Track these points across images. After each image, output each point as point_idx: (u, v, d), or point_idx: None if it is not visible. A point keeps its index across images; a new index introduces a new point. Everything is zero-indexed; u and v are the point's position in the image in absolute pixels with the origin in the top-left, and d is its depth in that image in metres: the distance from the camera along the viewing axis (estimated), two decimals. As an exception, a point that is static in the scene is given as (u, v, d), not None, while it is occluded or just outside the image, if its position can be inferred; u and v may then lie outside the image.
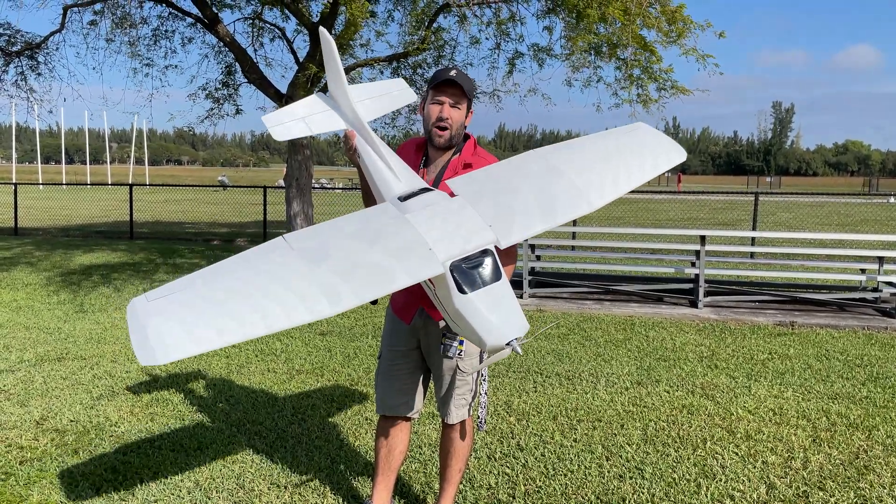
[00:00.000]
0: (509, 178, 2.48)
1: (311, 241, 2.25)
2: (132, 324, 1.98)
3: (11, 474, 3.51)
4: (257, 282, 2.09)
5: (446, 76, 2.69)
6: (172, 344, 1.91)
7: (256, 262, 2.17)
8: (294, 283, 2.07)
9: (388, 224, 2.31)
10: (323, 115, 2.94)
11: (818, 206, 27.67)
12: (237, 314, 1.98)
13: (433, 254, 2.17)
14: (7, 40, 11.43)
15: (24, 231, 16.34)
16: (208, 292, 2.06)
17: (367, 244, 2.21)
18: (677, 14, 8.92)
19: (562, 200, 2.40)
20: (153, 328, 1.93)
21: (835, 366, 5.65)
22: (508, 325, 2.14)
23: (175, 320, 1.96)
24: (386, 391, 2.92)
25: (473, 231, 2.25)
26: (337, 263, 2.14)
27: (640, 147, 2.66)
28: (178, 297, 2.05)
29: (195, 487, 3.39)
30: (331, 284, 2.07)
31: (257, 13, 11.61)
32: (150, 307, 2.01)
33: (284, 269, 2.13)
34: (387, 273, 2.12)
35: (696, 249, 8.01)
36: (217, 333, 1.94)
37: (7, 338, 6.30)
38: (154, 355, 1.88)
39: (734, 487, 3.45)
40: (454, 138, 2.74)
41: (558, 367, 5.51)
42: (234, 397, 4.73)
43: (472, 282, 2.18)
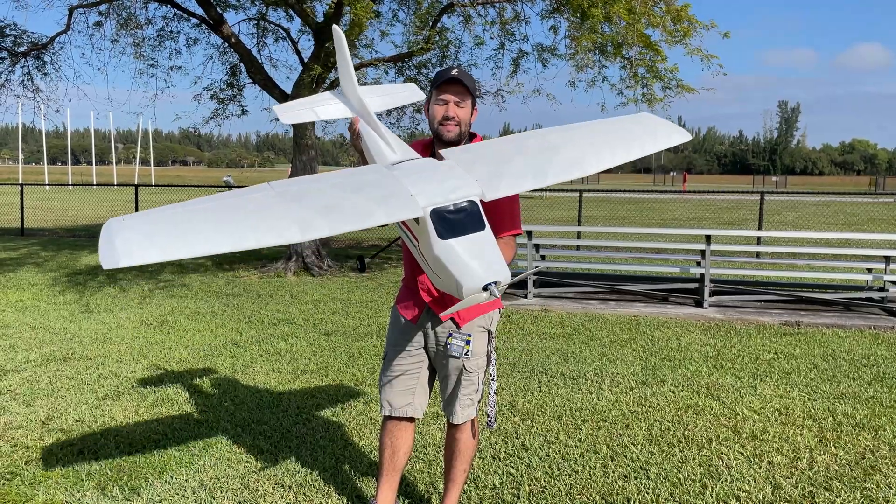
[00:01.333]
0: (505, 150, 2.49)
1: (293, 186, 2.27)
2: (103, 235, 2.01)
3: (17, 474, 3.52)
4: (232, 210, 2.13)
5: (448, 75, 2.72)
6: (137, 250, 1.93)
7: (236, 198, 2.20)
8: (267, 213, 2.10)
9: (373, 176, 2.34)
10: (331, 106, 3.03)
11: (824, 205, 27.57)
12: (205, 231, 2.02)
13: (414, 199, 2.17)
14: (13, 41, 11.48)
15: (30, 231, 16.40)
16: (182, 214, 2.10)
17: (349, 191, 2.22)
18: (682, 13, 8.90)
19: (555, 165, 2.40)
20: (121, 238, 1.97)
21: (841, 366, 5.63)
22: (486, 269, 2.11)
23: (143, 232, 2.01)
24: (390, 392, 2.92)
25: (459, 184, 2.24)
26: (315, 201, 2.16)
27: (643, 130, 2.67)
28: (151, 216, 2.11)
29: (200, 487, 3.40)
30: (305, 216, 2.09)
31: (262, 14, 11.64)
32: (125, 223, 2.06)
33: (261, 204, 2.15)
34: (364, 212, 2.13)
35: (702, 249, 7.99)
36: (182, 244, 1.97)
37: (13, 338, 6.32)
38: (117, 258, 1.90)
39: (740, 488, 3.43)
40: (462, 135, 2.76)
41: (563, 366, 5.50)
42: (239, 397, 4.74)
43: (451, 227, 2.16)
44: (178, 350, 5.94)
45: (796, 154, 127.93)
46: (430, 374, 2.95)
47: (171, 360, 5.64)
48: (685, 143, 2.73)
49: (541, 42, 12.15)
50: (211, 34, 11.61)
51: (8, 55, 11.50)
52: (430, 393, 3.00)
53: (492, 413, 2.80)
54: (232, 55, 11.82)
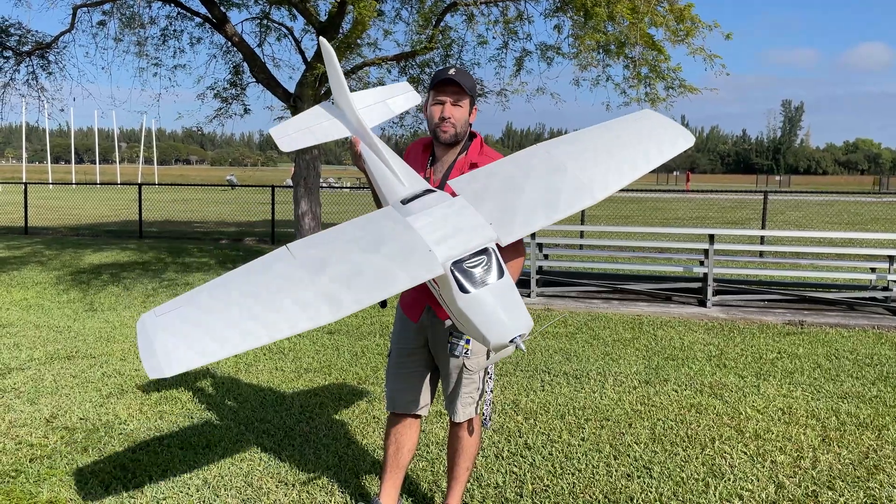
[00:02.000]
0: (512, 175, 2.48)
1: (313, 249, 2.29)
2: (141, 339, 2.09)
3: (21, 472, 3.53)
4: (260, 293, 2.15)
5: (445, 76, 2.71)
6: (177, 357, 2.00)
7: (260, 274, 2.24)
8: (296, 292, 2.13)
9: (389, 228, 2.34)
10: (328, 124, 2.99)
11: (828, 204, 27.52)
12: (240, 326, 2.06)
13: (433, 255, 2.19)
14: (18, 40, 11.50)
15: (34, 230, 16.43)
16: (212, 305, 2.15)
17: (369, 250, 2.24)
18: (685, 12, 8.89)
19: (565, 195, 2.40)
20: (160, 343, 2.04)
21: (844, 365, 5.62)
22: (512, 322, 2.14)
23: (180, 335, 2.07)
24: (395, 389, 2.94)
25: (474, 230, 2.26)
26: (338, 270, 2.18)
27: (647, 135, 2.65)
28: (183, 312, 2.15)
29: (204, 485, 3.41)
30: (332, 292, 2.11)
31: (265, 13, 11.64)
32: (158, 322, 2.12)
33: (287, 279, 2.18)
34: (387, 277, 2.15)
35: (705, 248, 7.99)
36: (220, 346, 2.03)
37: (17, 336, 6.34)
38: (161, 368, 1.98)
39: (743, 487, 3.43)
40: (459, 135, 2.75)
41: (566, 365, 5.50)
42: (243, 395, 4.74)
43: (473, 280, 2.19)
44: (181, 348, 5.95)
45: (800, 153, 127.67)
46: (435, 372, 2.97)
47: (174, 358, 5.64)
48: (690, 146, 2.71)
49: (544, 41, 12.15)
50: (214, 33, 11.62)
51: (13, 54, 11.53)
52: (435, 391, 3.01)
53: (487, 412, 2.81)
54: (235, 54, 11.82)
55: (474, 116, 2.81)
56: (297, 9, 10.47)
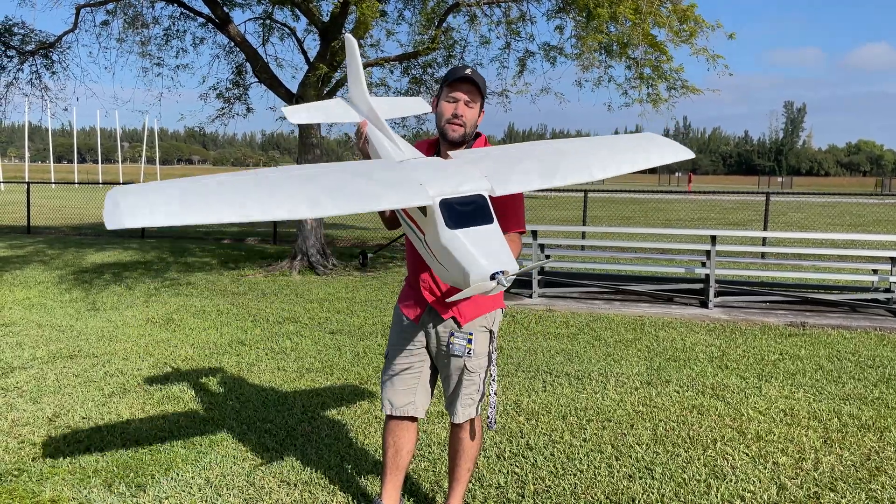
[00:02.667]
0: (512, 153, 2.53)
1: (306, 169, 2.29)
2: (108, 199, 1.99)
3: (24, 470, 3.54)
4: (241, 186, 2.10)
5: (462, 74, 2.70)
6: (141, 212, 1.92)
7: (248, 174, 2.20)
8: (277, 189, 2.09)
9: (384, 166, 2.38)
10: (341, 110, 3.07)
11: (830, 206, 27.50)
12: (213, 201, 2.00)
13: (423, 188, 2.18)
14: (21, 39, 11.52)
15: (36, 229, 16.46)
16: (187, 186, 2.08)
17: (360, 176, 2.24)
18: (688, 13, 8.89)
19: (562, 168, 2.44)
20: (126, 202, 1.95)
21: (846, 367, 5.62)
22: (494, 259, 2.10)
23: (149, 196, 2.00)
24: (392, 391, 2.92)
25: (468, 178, 2.26)
26: (325, 182, 2.16)
27: (647, 145, 2.74)
28: (160, 185, 2.08)
29: (206, 484, 3.41)
30: (315, 195, 2.09)
31: (268, 13, 11.65)
32: (129, 189, 2.04)
33: (272, 182, 2.14)
34: (372, 195, 2.14)
35: (707, 249, 7.99)
36: (189, 211, 1.95)
37: (20, 335, 6.35)
38: (121, 219, 1.89)
39: (744, 488, 3.43)
40: (467, 136, 2.74)
41: (568, 366, 5.50)
42: (245, 395, 4.75)
43: (460, 218, 2.16)
44: (183, 348, 5.96)
45: (802, 155, 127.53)
46: (433, 374, 2.96)
47: (176, 357, 5.66)
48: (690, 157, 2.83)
49: (547, 41, 12.15)
50: (217, 33, 11.64)
51: (16, 54, 11.55)
52: (433, 392, 3.00)
53: (492, 414, 2.79)
54: (238, 54, 11.84)
55: (481, 119, 2.81)
56: (299, 9, 10.49)
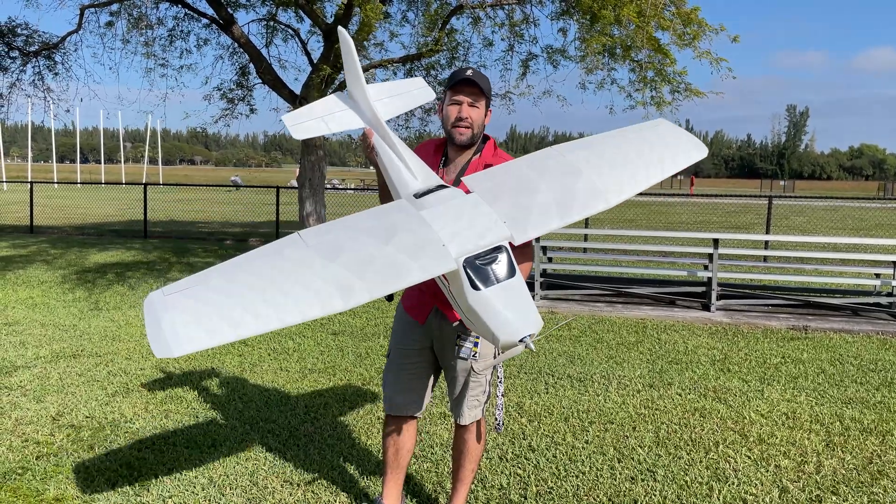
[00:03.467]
0: (527, 175, 2.47)
1: (325, 236, 2.26)
2: (149, 317, 2.01)
3: (28, 469, 3.55)
4: (272, 277, 2.10)
5: (463, 76, 2.69)
6: (186, 336, 1.93)
7: (271, 257, 2.19)
8: (308, 278, 2.09)
9: (403, 220, 2.31)
10: (341, 114, 2.93)
11: (832, 209, 27.48)
12: (251, 308, 2.01)
13: (446, 250, 2.17)
14: (25, 40, 11.55)
15: (39, 229, 16.49)
16: (223, 286, 2.09)
17: (382, 241, 2.21)
18: (692, 16, 8.90)
19: (579, 198, 2.39)
20: (168, 321, 1.97)
21: (848, 370, 5.62)
22: (522, 321, 2.13)
23: (189, 314, 1.99)
24: (395, 390, 2.92)
25: (487, 227, 2.24)
26: (351, 259, 2.14)
27: (662, 145, 2.65)
28: (193, 292, 2.08)
29: (209, 484, 3.42)
30: (344, 280, 2.08)
31: (272, 14, 11.68)
32: (167, 301, 2.04)
33: (299, 264, 2.14)
34: (400, 269, 2.12)
35: (709, 252, 7.99)
36: (230, 327, 1.97)
37: (23, 334, 6.36)
38: (169, 348, 1.91)
39: (747, 491, 3.44)
40: (475, 137, 2.73)
41: (570, 368, 5.51)
42: (248, 395, 4.76)
43: (485, 278, 2.17)
44: (186, 348, 5.97)
45: (804, 158, 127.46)
46: (435, 374, 2.96)
47: (179, 358, 5.67)
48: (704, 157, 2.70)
49: (550, 44, 12.17)
50: (221, 34, 11.66)
51: (19, 54, 11.58)
52: (432, 392, 3.00)
53: (500, 416, 2.74)
54: (241, 55, 11.86)
55: (489, 119, 2.78)
56: (303, 10, 10.51)
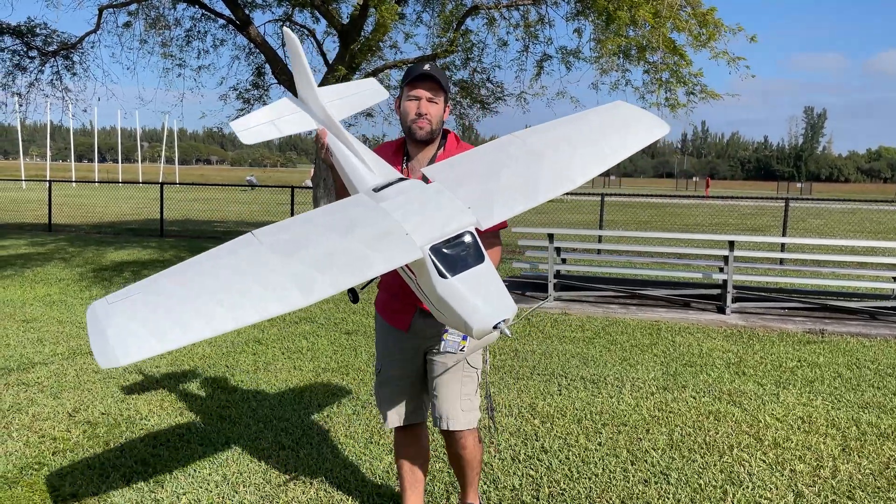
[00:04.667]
0: (489, 162, 2.40)
1: (281, 234, 2.15)
2: (92, 328, 1.88)
3: (45, 464, 3.59)
4: (224, 277, 1.98)
5: (420, 70, 2.60)
6: (135, 344, 1.80)
7: (224, 258, 2.07)
8: (264, 276, 1.97)
9: (362, 213, 2.21)
10: (292, 117, 2.84)
11: (850, 212, 27.21)
12: (203, 309, 1.88)
13: (410, 239, 2.08)
14: (43, 40, 11.68)
15: (57, 227, 16.66)
16: (172, 289, 1.96)
17: (341, 234, 2.11)
18: (708, 17, 8.85)
19: (544, 181, 2.33)
20: (114, 329, 1.83)
21: (866, 375, 5.56)
22: (494, 307, 2.05)
23: (137, 320, 1.86)
24: (393, 403, 2.80)
25: (452, 214, 2.16)
26: (309, 253, 2.04)
27: (622, 123, 2.60)
28: (139, 298, 1.95)
29: (223, 481, 3.44)
30: (303, 275, 1.97)
31: (288, 15, 11.74)
32: (111, 309, 1.91)
33: (253, 263, 2.02)
34: (363, 260, 2.02)
35: (725, 255, 7.93)
36: (182, 330, 1.84)
37: (41, 331, 6.43)
38: (115, 356, 1.78)
39: (761, 495, 3.41)
40: (435, 132, 2.65)
41: (583, 370, 5.49)
42: (261, 394, 4.79)
43: (452, 265, 2.08)
44: (201, 346, 6.01)
45: (822, 160, 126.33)
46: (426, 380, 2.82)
47: (194, 356, 5.71)
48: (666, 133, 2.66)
49: (565, 45, 12.14)
50: (237, 35, 11.75)
51: (38, 54, 11.71)
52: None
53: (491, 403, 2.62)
54: (258, 56, 11.94)
55: (447, 114, 2.70)
56: (319, 11, 10.56)
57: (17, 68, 11.59)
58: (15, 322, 6.78)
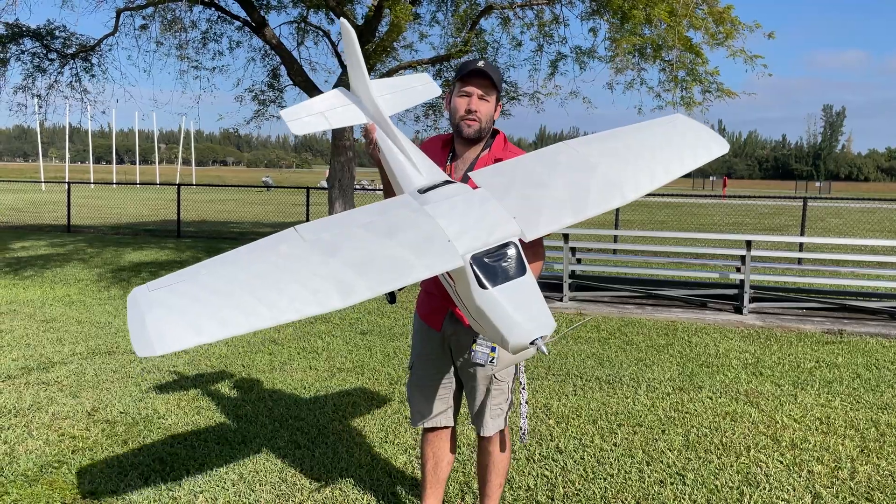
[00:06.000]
0: (538, 171, 2.35)
1: (324, 232, 2.12)
2: (131, 314, 1.89)
3: (64, 462, 3.63)
4: (266, 273, 1.97)
5: (473, 66, 2.53)
6: (171, 334, 1.81)
7: (265, 253, 2.06)
8: (304, 275, 1.96)
9: (406, 216, 2.17)
10: (343, 109, 2.80)
11: (869, 211, 26.90)
12: (242, 306, 1.87)
13: (452, 246, 2.04)
14: (63, 42, 11.81)
15: (76, 228, 16.84)
16: (212, 283, 1.95)
17: (383, 236, 2.08)
18: (725, 15, 8.79)
19: (593, 194, 2.26)
20: (152, 318, 1.84)
21: (885, 375, 5.50)
22: (533, 322, 1.99)
23: (176, 311, 1.87)
24: (423, 402, 2.80)
25: (496, 223, 2.11)
26: (350, 255, 2.01)
27: (680, 139, 2.51)
28: (180, 288, 1.95)
29: (239, 480, 3.47)
30: (343, 277, 1.95)
31: (303, 16, 11.80)
32: (152, 297, 1.91)
33: (295, 260, 2.00)
34: (403, 266, 1.99)
35: (742, 254, 7.88)
36: (219, 325, 1.84)
37: (60, 331, 6.51)
38: (152, 346, 1.78)
39: (778, 496, 3.38)
40: (483, 131, 2.58)
41: (599, 370, 5.47)
42: (277, 393, 4.81)
43: (493, 276, 2.04)
44: (218, 346, 6.06)
45: (841, 159, 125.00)
46: (459, 382, 2.83)
47: (211, 355, 5.76)
48: (725, 152, 2.57)
49: (579, 45, 12.10)
50: (253, 37, 11.81)
51: (57, 56, 11.84)
52: (462, 398, 2.88)
53: (524, 425, 2.59)
54: (273, 57, 12.00)
55: (499, 113, 2.64)
56: (334, 12, 10.59)
57: (38, 70, 11.73)
58: (35, 322, 6.87)
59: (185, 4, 11.18)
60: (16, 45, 11.42)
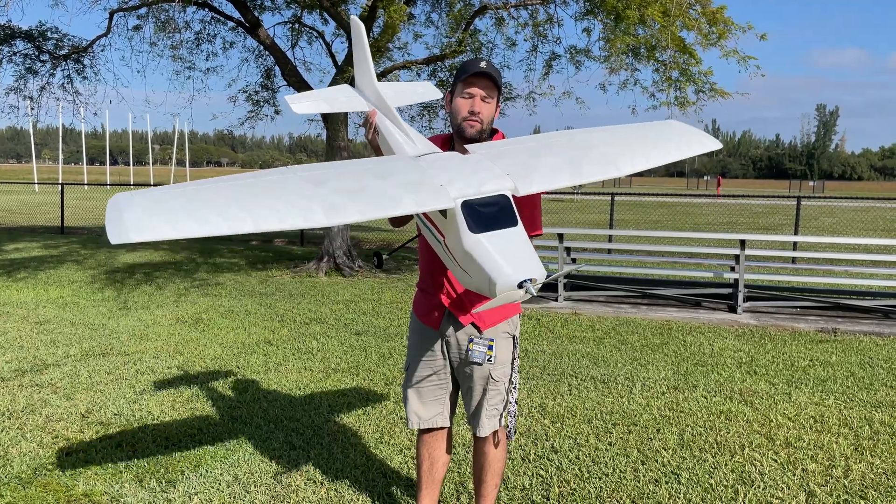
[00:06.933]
0: (533, 147, 2.39)
1: (317, 170, 2.13)
2: (110, 211, 1.84)
3: (58, 465, 3.62)
4: (253, 191, 1.97)
5: (477, 68, 2.52)
6: (147, 224, 1.78)
7: (256, 179, 2.06)
8: (293, 197, 1.95)
9: (401, 165, 2.20)
10: (346, 98, 2.89)
11: (863, 210, 27.01)
12: (224, 211, 1.86)
13: (444, 189, 2.05)
14: (55, 44, 11.78)
15: (70, 230, 16.78)
16: (197, 193, 1.94)
17: (376, 177, 2.09)
18: (718, 15, 8.82)
19: (587, 163, 2.31)
20: (130, 212, 1.82)
21: (878, 374, 5.52)
22: (522, 265, 1.96)
23: (156, 207, 1.85)
24: (419, 403, 2.79)
25: (490, 177, 2.12)
26: (341, 185, 2.02)
27: (678, 137, 2.60)
28: (164, 192, 1.95)
29: (234, 481, 3.46)
30: (332, 200, 1.95)
31: (297, 17, 11.79)
32: (134, 199, 1.89)
33: (284, 186, 2.00)
34: (392, 198, 2.00)
35: (736, 254, 7.90)
36: (198, 223, 1.82)
37: (54, 333, 6.48)
38: (127, 233, 1.74)
39: (773, 495, 3.39)
40: (484, 132, 2.59)
41: (593, 370, 5.48)
42: (272, 394, 4.81)
43: (483, 221, 2.03)
44: (212, 347, 6.04)
45: (834, 158, 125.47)
46: (455, 383, 2.83)
47: (205, 356, 5.74)
48: (718, 149, 2.69)
49: (574, 44, 12.12)
50: (247, 37, 11.80)
51: (49, 58, 11.80)
52: (458, 399, 2.88)
53: (512, 423, 2.64)
54: (267, 58, 11.99)
55: (498, 113, 2.65)
56: (328, 13, 10.59)
57: (29, 72, 11.69)
58: (28, 324, 6.84)
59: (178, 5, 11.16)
60: (7, 46, 11.38)
